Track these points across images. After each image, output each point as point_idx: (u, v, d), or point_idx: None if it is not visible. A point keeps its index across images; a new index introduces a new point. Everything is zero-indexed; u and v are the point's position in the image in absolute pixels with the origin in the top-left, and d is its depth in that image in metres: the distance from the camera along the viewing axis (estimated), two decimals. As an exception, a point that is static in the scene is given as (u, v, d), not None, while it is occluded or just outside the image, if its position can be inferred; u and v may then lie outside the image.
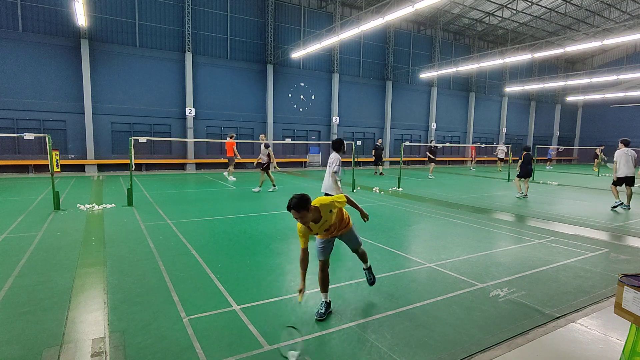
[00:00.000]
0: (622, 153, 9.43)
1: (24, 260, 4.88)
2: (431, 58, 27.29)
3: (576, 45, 17.86)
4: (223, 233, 6.60)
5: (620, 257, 5.62)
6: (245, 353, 2.87)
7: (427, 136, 28.14)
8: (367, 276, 3.98)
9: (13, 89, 15.61)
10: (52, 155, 8.75)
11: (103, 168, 17.66)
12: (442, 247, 5.95)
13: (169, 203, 9.45)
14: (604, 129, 35.84)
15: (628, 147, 9.47)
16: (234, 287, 4.13)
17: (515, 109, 33.55)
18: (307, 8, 22.25)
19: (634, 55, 32.21)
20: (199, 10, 19.13)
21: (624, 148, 9.46)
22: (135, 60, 17.84)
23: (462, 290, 4.17)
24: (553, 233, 7.02)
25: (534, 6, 25.06)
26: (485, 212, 9.11)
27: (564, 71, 35.17)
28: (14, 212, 7.93)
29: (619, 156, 9.48)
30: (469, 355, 2.93)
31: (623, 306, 2.26)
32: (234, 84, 20.42)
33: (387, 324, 3.37)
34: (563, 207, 10.06)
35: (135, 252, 5.36)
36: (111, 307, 3.59)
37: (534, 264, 5.15)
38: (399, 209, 9.29)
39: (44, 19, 16.03)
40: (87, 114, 16.76)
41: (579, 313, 3.71)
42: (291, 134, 22.52)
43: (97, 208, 8.45)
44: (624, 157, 9.38)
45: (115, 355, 2.82)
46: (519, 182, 11.60)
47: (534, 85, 28.91)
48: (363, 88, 24.90)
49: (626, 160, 9.36)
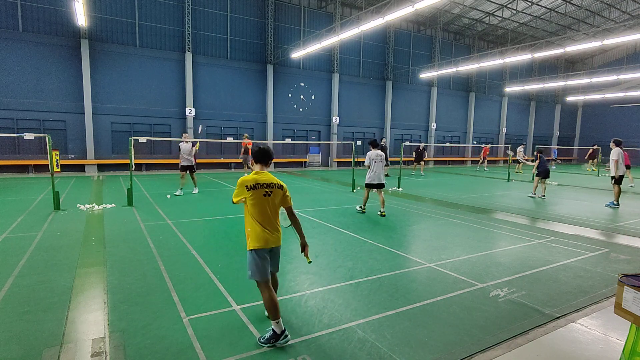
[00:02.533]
0: (619, 152, 9.76)
1: (24, 260, 4.88)
2: (431, 58, 27.29)
3: (576, 45, 17.85)
4: (223, 233, 6.60)
5: (620, 257, 5.62)
6: (245, 353, 2.87)
7: (427, 136, 28.15)
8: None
9: (13, 89, 15.61)
10: (52, 155, 8.75)
11: (103, 168, 17.66)
12: (442, 247, 5.95)
13: (169, 203, 9.45)
14: (604, 129, 35.84)
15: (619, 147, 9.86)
16: (234, 287, 4.13)
17: (515, 109, 33.55)
18: (307, 8, 22.25)
19: (634, 55, 32.21)
20: (199, 10, 19.13)
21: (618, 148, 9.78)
22: (135, 60, 17.84)
23: (462, 290, 4.17)
24: (553, 233, 7.02)
25: (534, 6, 25.05)
26: (485, 212, 9.11)
27: (564, 71, 35.17)
28: (14, 212, 7.93)
29: (619, 155, 9.71)
30: (469, 355, 2.93)
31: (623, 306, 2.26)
32: (234, 84, 20.42)
33: (387, 324, 3.37)
34: (563, 207, 10.06)
35: (135, 252, 5.36)
36: (111, 307, 3.59)
37: (534, 264, 5.15)
38: (398, 209, 9.29)
39: (44, 19, 16.03)
40: (87, 114, 16.76)
41: (579, 313, 3.71)
42: (291, 134, 22.52)
43: (97, 208, 8.45)
44: (621, 156, 9.76)
45: (115, 355, 2.82)
46: (538, 182, 11.51)
47: (534, 85, 28.91)
48: (363, 88, 24.90)
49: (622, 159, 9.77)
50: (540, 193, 11.55)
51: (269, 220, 3.09)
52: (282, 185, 3.16)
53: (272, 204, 3.10)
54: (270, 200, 3.08)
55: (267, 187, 3.06)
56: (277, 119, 21.72)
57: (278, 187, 3.11)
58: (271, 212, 3.10)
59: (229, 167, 20.49)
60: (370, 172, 8.35)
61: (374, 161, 8.31)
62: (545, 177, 11.39)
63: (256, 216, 3.05)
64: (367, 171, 8.40)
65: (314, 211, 8.68)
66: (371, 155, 8.32)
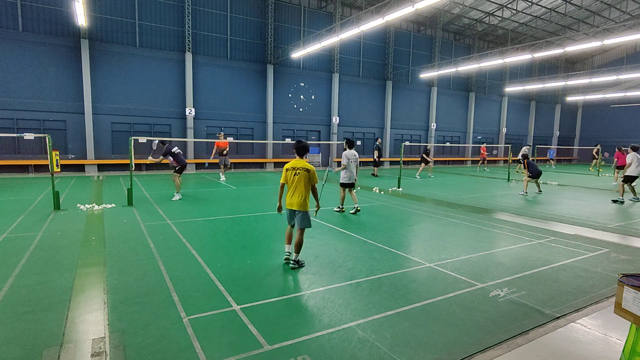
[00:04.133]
0: (635, 156, 10.85)
1: (24, 260, 4.88)
2: (431, 58, 27.28)
3: (576, 45, 17.85)
4: (223, 233, 6.60)
5: (620, 257, 5.62)
6: (245, 353, 2.87)
7: (427, 136, 28.15)
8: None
9: (13, 89, 15.61)
10: (52, 155, 8.75)
11: (103, 168, 17.66)
12: (442, 247, 5.95)
13: (169, 203, 9.45)
14: (604, 129, 35.84)
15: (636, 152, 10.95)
16: (234, 287, 4.13)
17: (515, 109, 33.54)
18: (307, 8, 22.24)
19: (634, 55, 32.20)
20: (199, 10, 19.13)
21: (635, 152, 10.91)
22: (135, 60, 17.84)
23: (462, 290, 4.17)
24: (553, 233, 7.02)
25: (534, 6, 25.05)
26: (485, 212, 9.11)
27: (564, 71, 35.16)
28: (14, 212, 7.93)
29: (632, 158, 10.87)
30: (469, 355, 2.93)
31: (623, 306, 2.26)
32: (234, 84, 20.42)
33: (387, 324, 3.37)
34: (563, 207, 10.06)
35: (135, 252, 5.36)
36: (111, 307, 3.59)
37: (534, 264, 5.15)
38: (399, 209, 9.29)
39: (44, 19, 16.03)
40: (87, 114, 16.76)
41: (579, 313, 3.71)
42: (291, 134, 22.51)
43: (97, 208, 8.45)
44: (637, 160, 10.81)
45: (115, 355, 2.82)
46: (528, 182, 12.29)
47: (534, 85, 28.90)
48: (363, 88, 24.90)
49: (638, 162, 10.80)
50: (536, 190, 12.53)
51: (295, 191, 4.76)
52: (309, 169, 4.78)
53: (298, 180, 4.74)
54: (297, 178, 4.74)
55: (298, 170, 4.75)
56: (277, 119, 21.71)
57: (305, 170, 4.75)
58: (297, 186, 4.74)
59: (228, 167, 20.44)
60: (347, 171, 8.42)
61: (351, 161, 8.37)
62: (537, 177, 12.20)
63: (288, 187, 4.85)
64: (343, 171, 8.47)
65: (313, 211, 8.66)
66: (349, 155, 8.35)
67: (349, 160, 8.34)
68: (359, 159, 8.70)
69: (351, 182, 8.46)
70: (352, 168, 8.39)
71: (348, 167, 8.37)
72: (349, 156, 8.34)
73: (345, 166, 8.40)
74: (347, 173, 8.41)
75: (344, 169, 8.44)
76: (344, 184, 8.50)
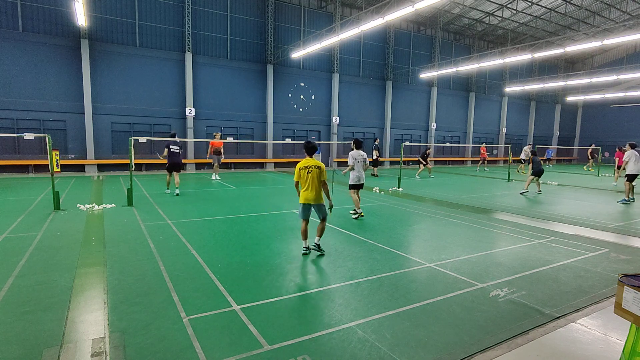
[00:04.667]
0: (632, 153, 10.70)
1: (24, 260, 4.88)
2: (431, 58, 27.28)
3: (576, 45, 17.85)
4: (223, 233, 6.60)
5: (620, 257, 5.62)
6: (245, 353, 2.87)
7: (427, 136, 28.15)
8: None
9: (13, 89, 15.61)
10: (52, 155, 8.75)
11: (103, 168, 17.66)
12: (442, 247, 5.95)
13: (169, 203, 9.45)
14: (604, 129, 35.84)
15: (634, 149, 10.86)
16: (234, 287, 4.13)
17: (515, 109, 33.54)
18: (307, 8, 22.25)
19: (634, 55, 32.20)
20: (199, 10, 19.12)
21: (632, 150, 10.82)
22: (135, 60, 17.84)
23: (462, 290, 4.17)
24: (553, 233, 7.02)
25: (534, 6, 25.05)
26: (485, 212, 9.11)
27: (564, 71, 35.16)
28: (14, 212, 7.93)
29: (629, 155, 10.70)
30: (469, 355, 2.93)
31: (623, 306, 2.26)
32: (234, 84, 20.41)
33: (387, 324, 3.37)
34: (563, 207, 10.06)
35: (135, 252, 5.36)
36: (111, 307, 3.59)
37: (534, 264, 5.15)
38: (399, 209, 9.29)
39: (44, 19, 16.03)
40: (87, 114, 16.76)
41: (579, 313, 3.71)
42: (291, 134, 22.52)
43: (97, 208, 8.45)
44: (634, 157, 10.64)
45: (115, 355, 2.82)
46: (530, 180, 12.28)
47: (534, 85, 28.90)
48: (363, 88, 24.90)
49: (635, 159, 10.64)
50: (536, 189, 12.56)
51: (309, 187, 5.20)
52: (320, 166, 5.25)
53: (311, 177, 5.19)
54: (310, 176, 5.19)
55: (310, 168, 5.21)
56: (277, 119, 21.71)
57: (316, 168, 5.23)
58: (311, 182, 5.18)
59: (228, 167, 20.48)
60: (356, 172, 8.13)
61: (357, 161, 8.11)
62: (539, 175, 12.17)
63: (302, 184, 5.27)
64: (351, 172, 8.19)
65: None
66: (354, 154, 8.11)
67: (355, 160, 8.12)
68: (367, 159, 8.33)
69: (360, 183, 8.17)
70: (359, 168, 8.14)
71: (355, 167, 8.14)
72: (355, 156, 8.11)
73: (351, 167, 8.18)
74: (356, 174, 8.13)
75: (352, 169, 8.19)
76: (352, 185, 8.19)
